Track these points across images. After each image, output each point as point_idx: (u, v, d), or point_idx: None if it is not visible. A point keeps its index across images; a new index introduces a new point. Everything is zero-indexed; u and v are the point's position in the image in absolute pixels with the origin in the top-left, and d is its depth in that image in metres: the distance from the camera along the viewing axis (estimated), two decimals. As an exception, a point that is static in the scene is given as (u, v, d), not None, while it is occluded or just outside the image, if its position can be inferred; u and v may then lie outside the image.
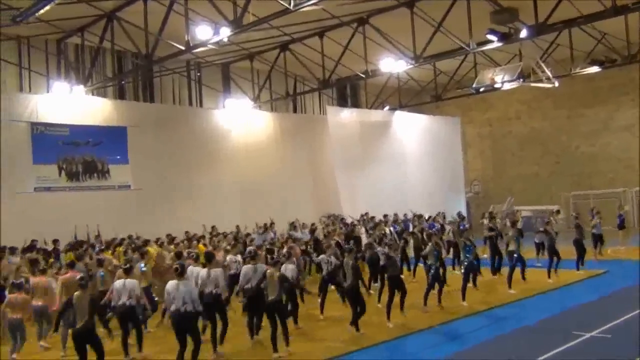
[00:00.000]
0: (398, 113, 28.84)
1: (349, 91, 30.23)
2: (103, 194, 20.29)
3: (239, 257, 13.49)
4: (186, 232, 18.59)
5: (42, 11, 15.18)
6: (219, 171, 23.30)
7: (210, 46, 16.38)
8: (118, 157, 20.91)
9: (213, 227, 19.56)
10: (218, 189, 22.91)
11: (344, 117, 26.91)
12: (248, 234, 18.96)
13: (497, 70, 22.73)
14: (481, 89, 23.58)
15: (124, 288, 9.91)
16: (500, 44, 18.36)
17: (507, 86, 22.77)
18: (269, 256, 12.72)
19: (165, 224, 19.37)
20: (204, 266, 10.75)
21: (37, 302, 10.88)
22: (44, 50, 20.28)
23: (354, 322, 11.13)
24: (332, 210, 24.74)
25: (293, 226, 21.00)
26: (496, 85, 22.56)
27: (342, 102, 29.68)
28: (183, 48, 16.66)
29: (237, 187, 23.45)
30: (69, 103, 19.96)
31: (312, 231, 19.68)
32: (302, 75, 25.90)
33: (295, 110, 27.93)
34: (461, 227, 16.65)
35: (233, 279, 12.68)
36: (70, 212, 18.86)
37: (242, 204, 23.04)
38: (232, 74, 25.02)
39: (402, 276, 12.59)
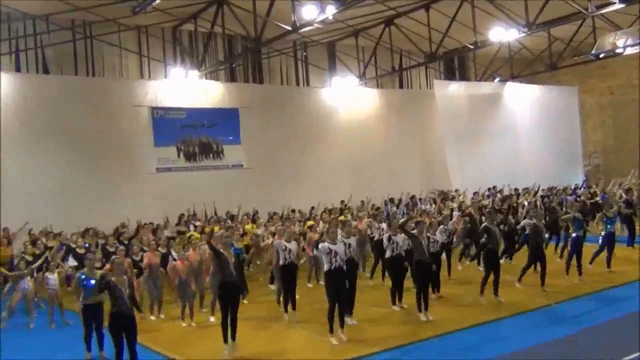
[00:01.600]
0: (509, 84, 27.69)
1: (457, 64, 29.40)
2: (218, 174, 21.27)
3: (383, 225, 13.89)
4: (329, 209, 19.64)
5: (158, 1, 16.07)
6: (327, 149, 23.64)
7: (316, 25, 16.57)
8: (231, 137, 21.80)
9: (342, 201, 20.71)
10: (325, 167, 23.27)
11: (452, 91, 26.20)
12: (376, 207, 19.88)
13: (618, 34, 21.37)
14: (601, 55, 22.32)
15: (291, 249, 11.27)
16: (622, 6, 17.03)
17: (630, 51, 21.44)
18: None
19: (275, 200, 20.14)
20: None
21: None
22: (161, 38, 21.37)
23: (495, 289, 11.38)
24: (440, 185, 24.43)
25: (418, 199, 22.04)
26: (618, 51, 21.38)
27: (450, 75, 28.92)
28: (290, 28, 16.96)
29: (344, 164, 23.70)
30: (184, 87, 21.02)
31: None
32: (407, 50, 25.51)
33: (401, 86, 27.61)
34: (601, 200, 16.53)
35: (377, 245, 13.79)
36: (188, 190, 20.02)
37: (350, 181, 23.23)
38: (338, 52, 25.11)
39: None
